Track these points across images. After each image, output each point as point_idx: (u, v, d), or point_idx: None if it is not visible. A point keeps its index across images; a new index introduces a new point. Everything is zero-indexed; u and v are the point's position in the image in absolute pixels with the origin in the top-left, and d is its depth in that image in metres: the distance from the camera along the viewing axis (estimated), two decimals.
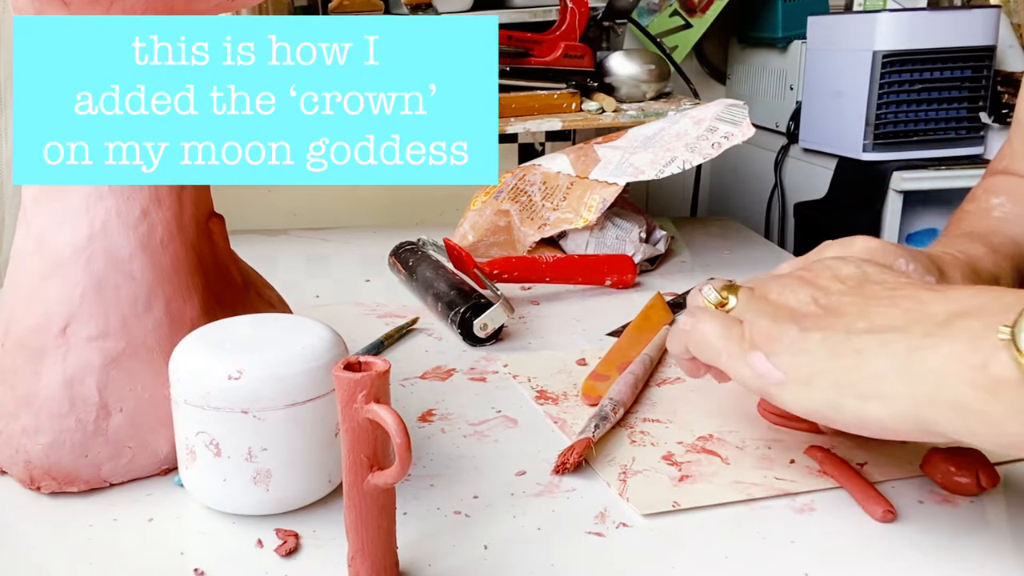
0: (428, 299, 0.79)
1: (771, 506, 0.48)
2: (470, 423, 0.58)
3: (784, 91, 1.35)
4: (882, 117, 1.14)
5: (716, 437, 0.56)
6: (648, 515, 0.47)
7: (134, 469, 0.51)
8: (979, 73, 1.14)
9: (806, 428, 0.56)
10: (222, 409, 0.44)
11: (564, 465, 0.51)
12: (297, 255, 1.04)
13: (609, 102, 1.13)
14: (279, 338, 0.47)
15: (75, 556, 0.45)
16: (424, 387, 0.64)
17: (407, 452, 0.38)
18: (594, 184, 0.91)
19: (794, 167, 1.32)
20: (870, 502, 0.47)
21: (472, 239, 0.95)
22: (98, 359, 0.49)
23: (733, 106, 0.92)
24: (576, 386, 0.63)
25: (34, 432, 0.49)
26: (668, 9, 1.44)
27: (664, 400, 0.61)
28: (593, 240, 0.90)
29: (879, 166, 1.15)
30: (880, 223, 1.14)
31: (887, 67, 1.12)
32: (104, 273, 0.49)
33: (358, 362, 0.40)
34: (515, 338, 0.74)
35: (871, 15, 1.15)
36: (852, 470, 0.50)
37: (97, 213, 0.49)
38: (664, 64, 1.22)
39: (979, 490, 0.48)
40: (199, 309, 0.52)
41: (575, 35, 1.15)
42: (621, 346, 0.68)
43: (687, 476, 0.51)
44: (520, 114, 1.10)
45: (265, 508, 0.47)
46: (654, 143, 0.92)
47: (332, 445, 0.47)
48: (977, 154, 1.17)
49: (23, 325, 0.50)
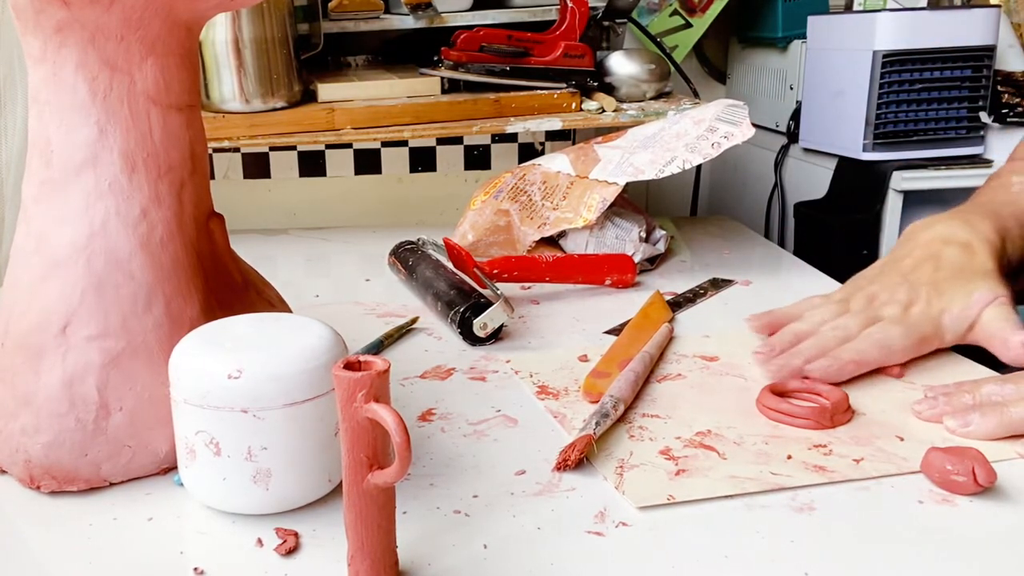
0: (428, 299, 0.79)
1: (771, 505, 0.48)
2: (470, 422, 0.58)
3: (784, 91, 1.35)
4: (882, 117, 1.14)
5: (714, 432, 0.56)
6: (647, 514, 0.47)
7: (134, 468, 0.51)
8: (979, 73, 1.14)
9: (805, 425, 0.56)
10: (222, 408, 0.44)
11: (565, 462, 0.52)
12: (297, 255, 1.04)
13: (609, 102, 1.13)
14: (279, 337, 0.47)
15: (75, 555, 0.45)
16: (424, 386, 0.64)
17: (407, 451, 0.38)
18: (594, 184, 0.91)
19: (794, 167, 1.32)
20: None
21: (472, 239, 0.95)
22: (98, 358, 0.49)
23: (733, 106, 0.92)
24: (577, 382, 0.63)
25: (34, 431, 0.49)
26: (668, 9, 1.44)
27: (664, 396, 0.61)
28: (593, 240, 0.90)
29: (879, 166, 1.14)
30: (880, 223, 1.14)
31: (887, 67, 1.12)
32: (104, 272, 0.49)
33: (358, 361, 0.40)
34: (515, 337, 0.74)
35: (871, 15, 1.15)
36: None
37: (97, 212, 0.49)
38: (664, 64, 1.22)
39: (977, 489, 0.48)
40: (199, 309, 0.52)
41: (575, 35, 1.15)
42: (622, 343, 0.68)
43: (683, 470, 0.51)
44: (520, 114, 1.10)
45: (265, 507, 0.47)
46: (654, 143, 0.92)
47: (332, 444, 0.47)
48: (977, 154, 1.17)
49: (23, 324, 0.50)
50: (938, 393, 0.58)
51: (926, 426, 0.56)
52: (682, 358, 0.68)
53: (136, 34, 0.49)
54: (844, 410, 0.57)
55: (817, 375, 0.61)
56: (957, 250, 0.67)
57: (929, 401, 0.57)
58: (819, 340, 0.64)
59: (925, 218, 0.72)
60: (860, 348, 0.63)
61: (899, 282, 0.67)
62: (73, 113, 0.49)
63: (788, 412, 0.57)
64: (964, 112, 1.15)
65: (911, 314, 0.65)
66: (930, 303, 0.65)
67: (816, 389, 0.59)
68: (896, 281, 0.67)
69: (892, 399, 0.60)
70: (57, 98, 0.49)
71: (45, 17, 0.48)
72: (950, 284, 0.65)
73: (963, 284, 0.65)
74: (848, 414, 0.58)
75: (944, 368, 0.65)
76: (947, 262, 0.66)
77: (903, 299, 0.65)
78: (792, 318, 0.68)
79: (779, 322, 0.69)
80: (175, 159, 0.52)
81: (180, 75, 0.51)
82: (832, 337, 0.64)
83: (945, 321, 0.64)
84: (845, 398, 0.58)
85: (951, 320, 0.64)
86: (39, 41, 0.49)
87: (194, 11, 0.51)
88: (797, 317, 0.68)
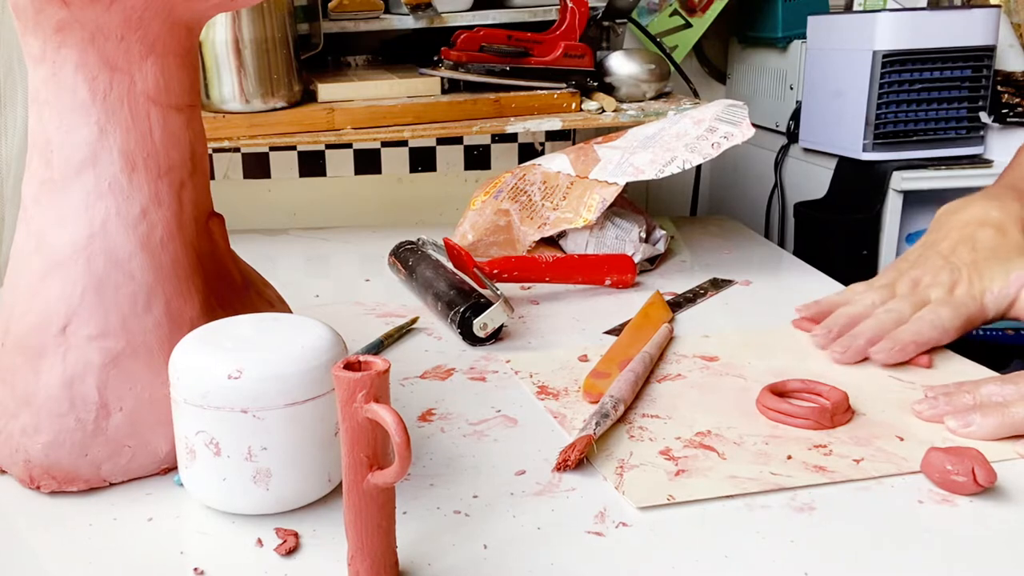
0: (428, 299, 0.79)
1: (771, 505, 0.48)
2: (470, 422, 0.58)
3: (784, 91, 1.35)
4: (882, 117, 1.14)
5: (714, 433, 0.56)
6: (647, 514, 0.47)
7: (134, 468, 0.51)
8: (979, 73, 1.14)
9: (805, 425, 0.56)
10: (222, 408, 0.44)
11: (565, 462, 0.52)
12: (297, 255, 1.04)
13: (609, 102, 1.13)
14: (279, 338, 0.47)
15: (75, 555, 0.45)
16: (424, 387, 0.64)
17: (407, 451, 0.38)
18: (594, 184, 0.91)
19: (794, 167, 1.32)
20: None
21: (472, 239, 0.95)
22: (98, 358, 0.49)
23: (733, 106, 0.92)
24: (577, 382, 0.63)
25: (34, 431, 0.49)
26: (668, 9, 1.44)
27: (664, 396, 0.61)
28: (593, 240, 0.90)
29: (879, 166, 1.14)
30: (880, 223, 1.14)
31: (887, 67, 1.12)
32: (104, 272, 0.49)
33: (358, 361, 0.40)
34: (515, 337, 0.74)
35: (871, 15, 1.14)
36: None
37: (97, 212, 0.49)
38: (664, 64, 1.21)
39: (977, 489, 0.48)
40: (199, 309, 0.52)
41: (575, 35, 1.15)
42: (621, 344, 0.68)
43: (683, 471, 0.51)
44: (520, 114, 1.10)
45: (265, 507, 0.47)
46: (654, 143, 0.92)
47: (332, 444, 0.47)
48: (977, 154, 1.16)
49: (23, 324, 0.50)
50: (938, 393, 0.58)
51: (926, 426, 0.56)
52: (682, 358, 0.68)
53: (136, 34, 0.49)
54: (844, 410, 0.57)
55: (881, 359, 0.64)
56: (991, 231, 0.70)
57: (930, 401, 0.58)
58: (876, 321, 0.67)
59: (955, 201, 0.75)
60: (917, 330, 0.65)
61: (941, 265, 0.70)
62: (73, 113, 0.49)
63: (788, 412, 0.57)
64: (964, 112, 1.15)
65: (956, 295, 0.67)
66: (972, 283, 0.68)
67: (816, 389, 0.59)
68: (938, 264, 0.70)
69: (892, 399, 0.60)
70: (57, 98, 0.49)
71: (45, 17, 0.48)
72: (988, 264, 0.68)
73: (1001, 264, 0.68)
74: (848, 414, 0.58)
75: (944, 368, 0.65)
76: (983, 243, 0.69)
77: (946, 281, 0.68)
78: (841, 305, 0.71)
79: (828, 310, 0.72)
80: (175, 159, 0.52)
81: (180, 75, 0.51)
82: (888, 319, 0.67)
83: (987, 300, 0.67)
84: (845, 398, 0.58)
85: (992, 299, 0.67)
86: (39, 41, 0.49)
87: (194, 11, 0.51)
88: (845, 304, 0.71)
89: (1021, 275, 0.67)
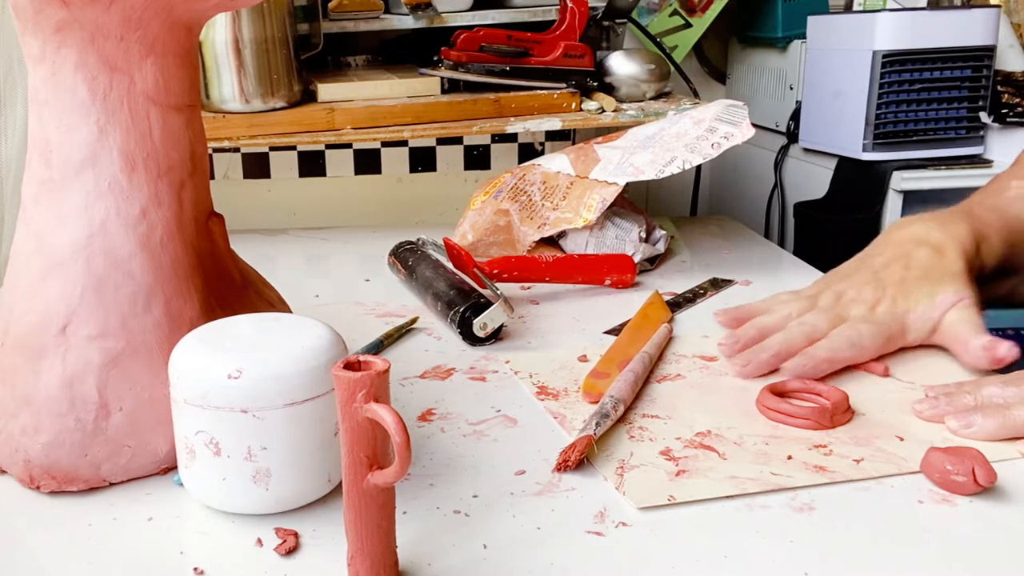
0: (428, 299, 0.79)
1: (770, 505, 0.48)
2: (470, 422, 0.58)
3: (784, 91, 1.35)
4: (882, 117, 1.14)
5: (714, 433, 0.56)
6: (647, 514, 0.47)
7: (133, 468, 0.51)
8: (979, 73, 1.14)
9: (805, 425, 0.56)
10: (221, 408, 0.44)
11: (565, 463, 0.52)
12: (297, 255, 1.04)
13: (609, 102, 1.13)
14: (279, 338, 0.47)
15: (75, 555, 0.45)
16: (424, 386, 0.64)
17: (406, 451, 0.38)
18: (594, 184, 0.91)
19: (794, 167, 1.32)
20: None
21: (472, 239, 0.95)
22: (98, 358, 0.49)
23: (733, 106, 0.92)
24: (577, 382, 0.63)
25: (34, 431, 0.49)
26: (668, 9, 1.44)
27: (663, 396, 0.61)
28: (593, 240, 0.90)
29: (879, 166, 1.14)
30: (880, 223, 1.14)
31: (887, 67, 1.12)
32: (104, 272, 0.49)
33: (358, 361, 0.40)
34: (515, 337, 0.74)
35: (871, 15, 1.15)
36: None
37: (97, 212, 0.49)
38: (664, 64, 1.21)
39: (977, 489, 0.48)
40: (199, 309, 0.52)
41: (575, 35, 1.15)
42: (621, 344, 0.68)
43: (684, 471, 0.51)
44: (520, 114, 1.10)
45: (264, 507, 0.47)
46: (654, 143, 0.92)
47: (331, 444, 0.47)
48: (977, 154, 1.17)
49: (23, 324, 0.50)
50: (939, 393, 0.58)
51: (926, 426, 0.56)
52: (682, 358, 0.68)
53: (136, 34, 0.49)
54: (844, 410, 0.57)
55: (792, 374, 0.62)
56: (928, 251, 0.67)
57: (930, 401, 0.58)
58: (786, 336, 0.64)
59: (906, 216, 0.73)
60: (832, 346, 0.63)
61: (868, 280, 0.68)
62: (73, 113, 0.49)
63: (788, 412, 0.57)
64: (964, 112, 1.15)
65: (877, 313, 0.66)
66: (895, 302, 0.66)
67: (816, 389, 0.59)
68: (865, 279, 0.68)
69: (892, 399, 0.60)
70: (57, 98, 0.49)
71: (44, 17, 0.48)
72: (917, 285, 0.66)
73: (929, 285, 0.66)
74: (848, 414, 0.58)
75: (944, 368, 0.65)
76: (916, 263, 0.67)
77: (869, 298, 0.66)
78: (759, 313, 0.69)
79: (747, 317, 0.69)
80: (175, 159, 0.52)
81: (180, 75, 0.51)
82: (799, 333, 0.64)
83: (910, 320, 0.66)
84: (845, 398, 0.58)
85: (915, 320, 0.66)
86: (38, 41, 0.49)
87: (194, 11, 0.51)
88: (765, 312, 0.69)
89: (946, 299, 0.65)
